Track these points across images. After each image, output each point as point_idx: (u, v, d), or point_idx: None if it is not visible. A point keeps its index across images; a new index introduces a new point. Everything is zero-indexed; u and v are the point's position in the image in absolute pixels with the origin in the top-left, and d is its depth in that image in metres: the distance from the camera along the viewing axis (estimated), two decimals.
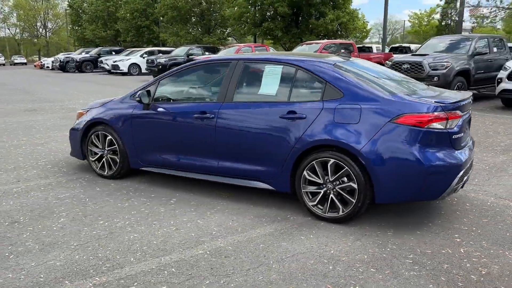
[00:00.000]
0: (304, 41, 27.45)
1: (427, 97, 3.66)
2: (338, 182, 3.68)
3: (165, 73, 4.78)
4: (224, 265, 3.05)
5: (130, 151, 4.85)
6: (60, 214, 4.01)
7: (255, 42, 30.17)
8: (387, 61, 12.51)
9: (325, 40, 17.00)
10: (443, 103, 3.48)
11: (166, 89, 4.74)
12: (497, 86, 10.29)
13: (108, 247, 3.32)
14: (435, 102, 3.49)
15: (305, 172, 3.80)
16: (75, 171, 5.42)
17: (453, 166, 3.47)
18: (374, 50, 22.61)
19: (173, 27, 37.24)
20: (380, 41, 45.46)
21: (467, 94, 3.97)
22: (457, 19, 16.42)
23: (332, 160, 3.65)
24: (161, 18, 38.96)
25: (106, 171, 5.08)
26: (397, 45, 27.52)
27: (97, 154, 5.12)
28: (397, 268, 2.99)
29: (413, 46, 25.59)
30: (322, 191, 3.76)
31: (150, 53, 25.59)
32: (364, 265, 3.04)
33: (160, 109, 4.60)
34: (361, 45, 22.84)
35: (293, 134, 3.82)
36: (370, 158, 3.48)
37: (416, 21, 62.59)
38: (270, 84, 4.14)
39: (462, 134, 3.67)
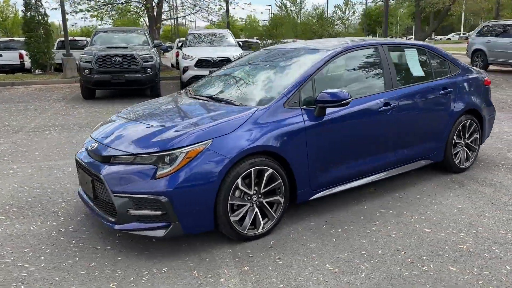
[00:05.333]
0: None
1: None
2: (468, 137, 4.71)
3: (311, 68, 3.65)
4: None
5: (301, 180, 3.43)
6: None
7: None
8: None
9: None
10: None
11: (322, 86, 3.62)
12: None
13: None
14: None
15: (454, 137, 4.53)
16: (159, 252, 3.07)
17: None
18: None
19: None
20: None
21: None
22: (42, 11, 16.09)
23: (469, 121, 4.65)
24: None
25: (261, 226, 3.25)
26: None
27: (244, 206, 3.17)
28: None
29: None
30: (462, 148, 4.66)
31: None
32: None
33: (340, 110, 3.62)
34: None
35: (448, 106, 4.48)
36: (483, 112, 4.85)
37: None
38: (415, 66, 4.38)
39: None
